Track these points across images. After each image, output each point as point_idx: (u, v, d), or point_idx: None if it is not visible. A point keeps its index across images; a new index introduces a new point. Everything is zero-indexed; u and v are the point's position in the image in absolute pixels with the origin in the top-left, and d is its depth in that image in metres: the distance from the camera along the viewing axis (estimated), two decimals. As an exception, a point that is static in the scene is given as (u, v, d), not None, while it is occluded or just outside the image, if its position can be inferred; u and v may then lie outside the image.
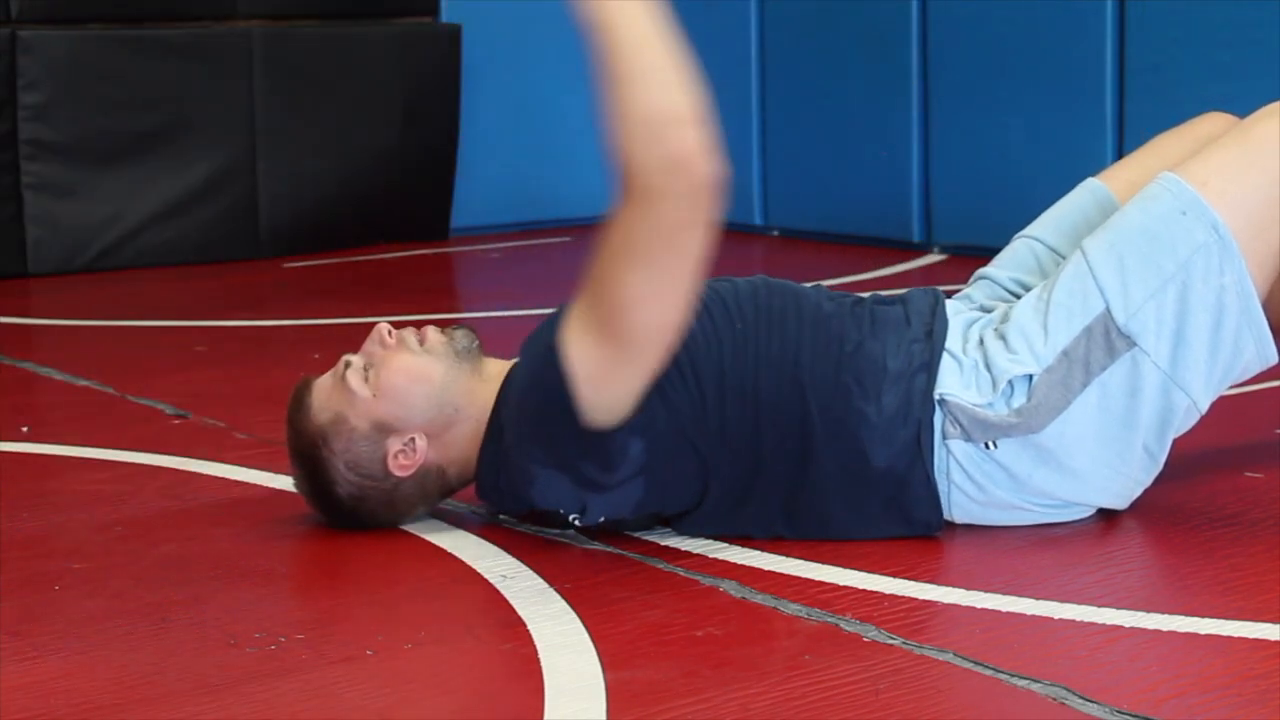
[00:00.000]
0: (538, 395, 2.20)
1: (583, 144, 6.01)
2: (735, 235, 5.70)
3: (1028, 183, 4.78)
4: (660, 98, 2.00)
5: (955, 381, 2.28)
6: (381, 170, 5.52)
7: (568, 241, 5.71)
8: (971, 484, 2.28)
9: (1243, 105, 2.59)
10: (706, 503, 2.30)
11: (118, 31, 5.13)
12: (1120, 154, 4.60)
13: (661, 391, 2.20)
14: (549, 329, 2.23)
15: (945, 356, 2.29)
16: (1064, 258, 2.47)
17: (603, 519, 2.30)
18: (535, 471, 2.25)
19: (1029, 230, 2.58)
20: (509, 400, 2.28)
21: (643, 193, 2.02)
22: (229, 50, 5.26)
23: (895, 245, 5.24)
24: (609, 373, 2.15)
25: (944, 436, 2.26)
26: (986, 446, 2.26)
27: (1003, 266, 2.55)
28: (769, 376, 2.26)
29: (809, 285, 2.42)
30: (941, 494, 2.28)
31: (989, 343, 2.31)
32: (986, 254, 2.54)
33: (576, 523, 2.31)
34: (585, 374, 2.15)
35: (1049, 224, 2.56)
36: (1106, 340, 2.25)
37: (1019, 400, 2.26)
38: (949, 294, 2.48)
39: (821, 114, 5.48)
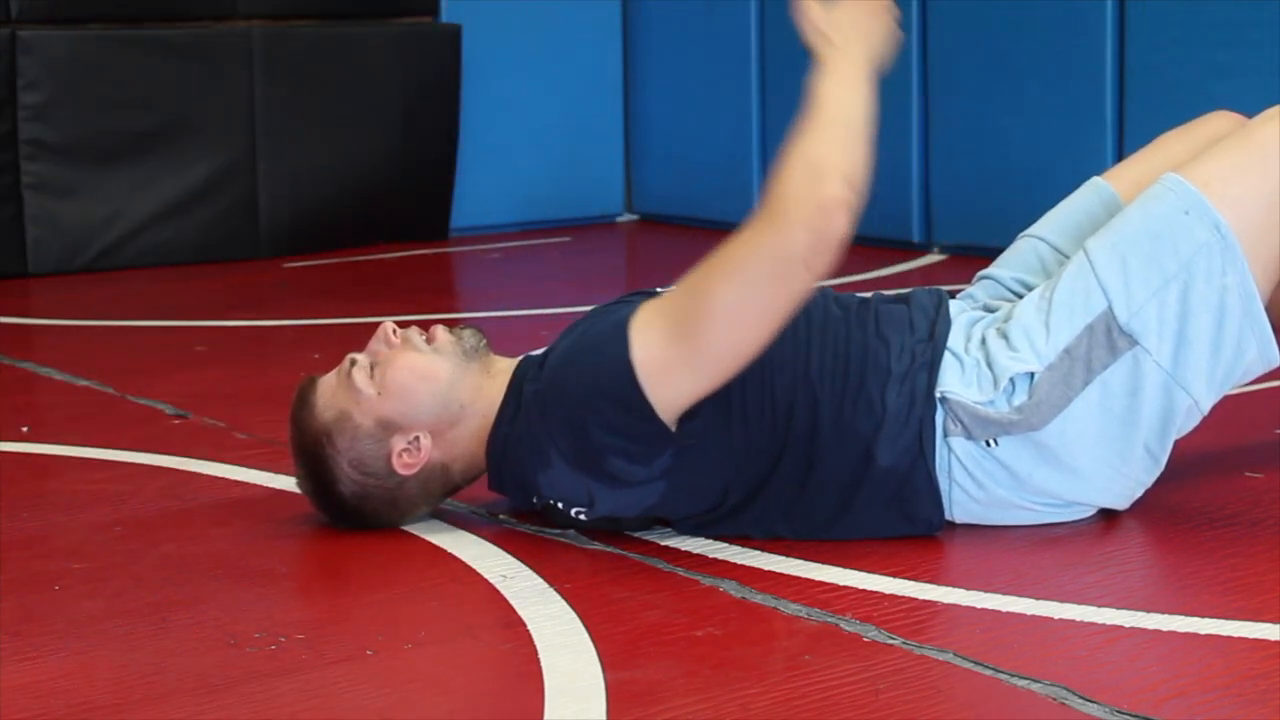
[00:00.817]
0: (589, 375, 2.19)
1: (582, 144, 6.01)
2: (735, 235, 5.71)
3: (1028, 183, 4.78)
4: (837, 152, 2.13)
5: (956, 380, 2.28)
6: (381, 170, 5.51)
7: (568, 241, 5.71)
8: (972, 482, 2.28)
9: (1242, 105, 2.59)
10: (713, 510, 2.30)
11: (118, 31, 5.13)
12: (1120, 154, 4.60)
13: (698, 405, 2.21)
14: (608, 313, 2.24)
15: (947, 355, 2.29)
16: (1068, 257, 2.47)
17: (607, 515, 2.30)
18: (551, 457, 2.24)
19: (1033, 229, 2.58)
20: (545, 377, 2.25)
21: (779, 218, 2.12)
22: (229, 50, 5.26)
23: (895, 245, 5.23)
24: (665, 372, 2.16)
25: (945, 434, 2.26)
26: (987, 444, 2.26)
27: (1006, 266, 2.55)
28: (783, 384, 2.26)
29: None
30: (943, 492, 2.28)
31: (991, 341, 2.31)
32: (986, 254, 2.54)
33: (581, 517, 2.30)
34: (643, 363, 2.15)
35: (1053, 223, 2.56)
36: (1108, 339, 2.25)
37: (1020, 398, 2.26)
38: (952, 294, 2.48)
39: (822, 114, 5.46)
